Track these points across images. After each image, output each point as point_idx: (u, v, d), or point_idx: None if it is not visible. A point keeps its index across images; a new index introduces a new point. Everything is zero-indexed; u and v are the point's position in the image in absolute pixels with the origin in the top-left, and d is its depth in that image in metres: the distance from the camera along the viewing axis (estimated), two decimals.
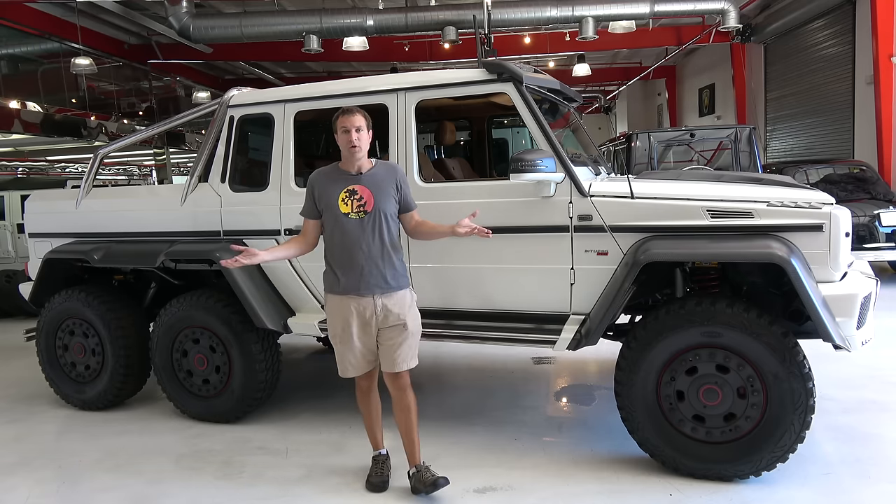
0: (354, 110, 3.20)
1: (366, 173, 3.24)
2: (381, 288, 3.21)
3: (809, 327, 3.32)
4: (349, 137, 3.16)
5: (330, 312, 3.32)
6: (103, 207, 4.82)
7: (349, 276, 3.21)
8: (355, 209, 3.19)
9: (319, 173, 3.33)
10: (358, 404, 3.48)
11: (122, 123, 14.39)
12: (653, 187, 3.51)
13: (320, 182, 3.28)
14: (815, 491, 3.23)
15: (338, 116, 3.21)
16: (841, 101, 12.73)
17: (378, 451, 3.53)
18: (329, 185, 3.25)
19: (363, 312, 3.22)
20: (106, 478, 3.74)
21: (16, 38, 12.43)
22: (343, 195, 3.21)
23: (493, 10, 11.50)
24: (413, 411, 3.31)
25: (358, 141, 3.16)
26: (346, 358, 3.30)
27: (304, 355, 6.23)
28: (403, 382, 3.30)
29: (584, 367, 5.47)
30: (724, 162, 9.15)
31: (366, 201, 3.20)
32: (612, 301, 3.35)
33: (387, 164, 3.35)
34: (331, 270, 3.30)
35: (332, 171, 3.30)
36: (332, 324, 3.31)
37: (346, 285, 3.22)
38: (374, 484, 3.43)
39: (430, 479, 3.27)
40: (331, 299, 3.31)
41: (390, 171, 3.30)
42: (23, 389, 5.46)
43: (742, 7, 13.08)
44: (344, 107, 3.26)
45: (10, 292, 8.15)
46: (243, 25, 12.17)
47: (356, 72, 19.44)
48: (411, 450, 3.36)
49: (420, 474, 3.31)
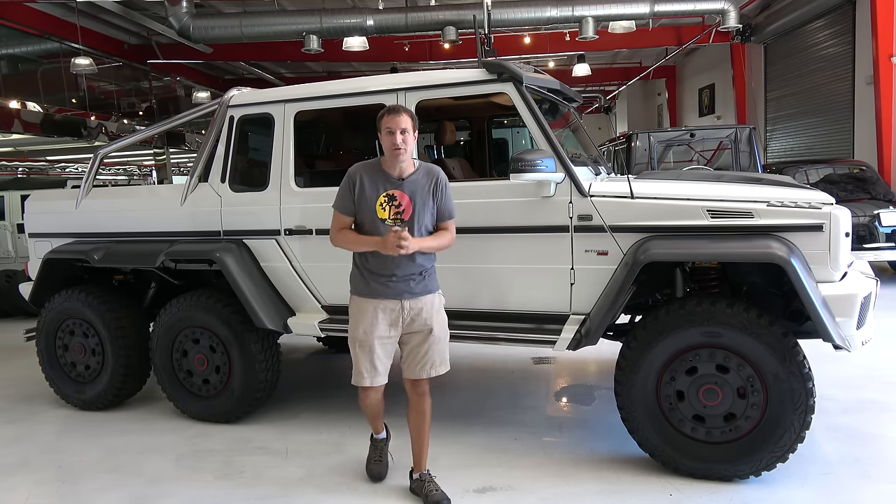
0: (401, 110, 3.05)
1: (407, 178, 3.10)
2: (409, 293, 3.14)
3: (809, 327, 3.32)
4: (394, 140, 3.00)
5: (354, 314, 3.21)
6: (103, 207, 4.82)
7: (380, 281, 3.12)
8: (393, 216, 3.08)
9: (361, 170, 3.15)
10: (361, 408, 3.42)
11: (122, 123, 14.39)
12: (653, 187, 3.51)
13: (361, 180, 3.11)
14: (815, 491, 3.23)
15: (383, 115, 3.06)
16: (841, 101, 12.73)
17: (380, 434, 3.56)
18: (370, 184, 3.10)
19: (389, 315, 3.14)
20: (106, 478, 3.74)
21: (16, 38, 12.43)
22: (382, 199, 3.08)
23: (493, 10, 11.50)
24: (427, 418, 3.28)
25: (403, 144, 3.01)
26: (363, 365, 3.18)
27: (304, 355, 6.23)
28: (423, 389, 3.24)
29: (584, 367, 5.47)
30: (724, 162, 9.15)
31: (404, 209, 3.08)
32: (612, 301, 3.35)
33: (429, 169, 3.18)
34: (360, 273, 3.19)
35: (375, 170, 3.13)
36: (354, 327, 3.19)
37: (375, 290, 3.13)
38: (373, 472, 3.49)
39: (434, 496, 3.20)
40: (357, 301, 3.20)
41: (431, 178, 3.14)
42: (23, 389, 5.46)
43: (742, 7, 13.08)
44: (390, 105, 3.12)
45: (10, 292, 8.16)
46: (243, 25, 12.17)
47: (356, 72, 19.44)
48: (419, 455, 3.33)
49: (424, 484, 3.27)
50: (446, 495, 3.22)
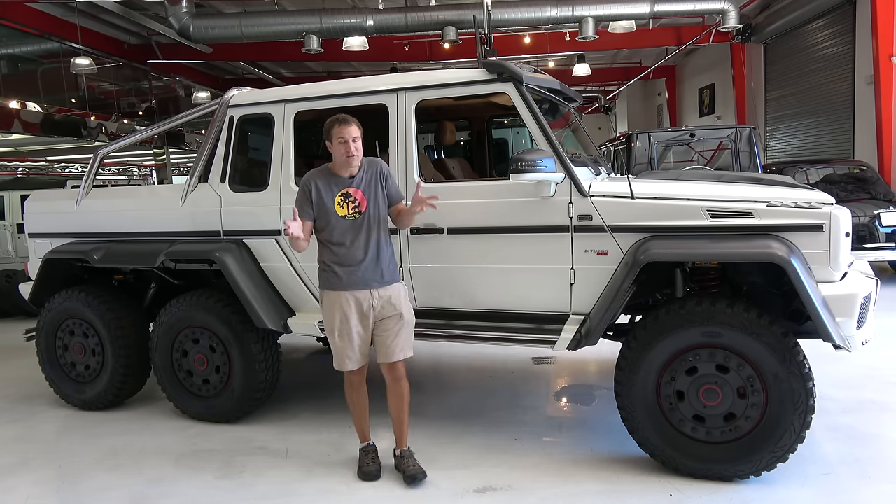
0: (350, 120, 3.34)
1: (357, 175, 3.42)
2: (377, 282, 3.41)
3: (809, 327, 3.32)
4: (348, 148, 3.32)
5: (327, 308, 3.45)
6: (103, 207, 4.82)
7: (348, 272, 3.38)
8: (351, 210, 3.38)
9: (314, 177, 3.44)
10: (347, 399, 3.61)
11: (122, 123, 14.39)
12: (653, 187, 3.51)
13: (316, 185, 3.41)
14: (815, 491, 3.23)
15: (332, 125, 3.34)
16: (841, 101, 12.73)
17: (366, 442, 3.64)
18: (325, 188, 3.40)
19: (361, 305, 3.39)
20: (106, 478, 3.74)
21: (16, 38, 12.43)
22: (338, 199, 3.39)
23: (493, 10, 11.50)
24: (406, 400, 3.51)
25: (356, 151, 3.35)
26: (345, 352, 3.42)
27: (304, 355, 6.23)
28: (399, 373, 3.47)
29: (584, 367, 5.47)
30: (724, 162, 9.14)
31: (359, 202, 3.39)
32: (612, 301, 3.35)
33: (370, 162, 3.49)
34: (328, 268, 3.43)
35: (326, 175, 3.44)
36: (330, 319, 3.43)
37: (347, 282, 3.38)
38: (368, 473, 3.52)
39: (411, 472, 3.45)
40: (328, 295, 3.44)
41: (373, 169, 3.46)
42: (23, 389, 5.46)
43: (742, 7, 13.08)
44: (337, 116, 3.37)
45: (10, 292, 8.16)
46: (243, 25, 12.17)
47: (356, 72, 19.44)
48: (400, 434, 3.56)
49: (404, 460, 3.52)
50: (423, 470, 3.48)
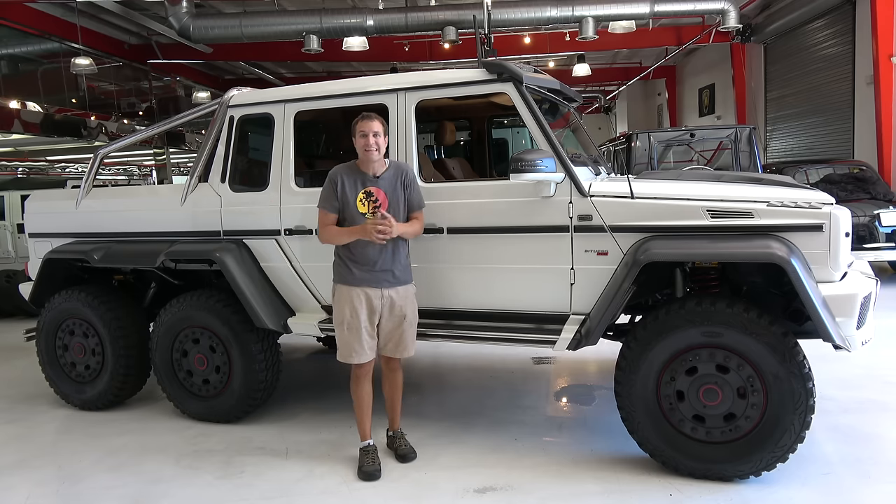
0: (373, 116, 3.46)
1: (381, 175, 3.52)
2: (389, 282, 3.53)
3: (809, 327, 3.32)
4: (367, 141, 3.42)
5: (339, 301, 3.55)
6: (103, 207, 4.82)
7: (363, 270, 3.50)
8: (371, 210, 3.47)
9: (341, 171, 3.55)
10: (352, 392, 3.66)
11: (122, 123, 14.38)
12: (653, 187, 3.51)
13: (342, 179, 3.52)
14: (815, 491, 3.23)
15: (357, 121, 3.46)
16: (841, 101, 12.73)
17: (366, 441, 3.67)
18: (349, 183, 3.51)
19: (372, 303, 3.51)
20: (106, 478, 3.74)
21: (16, 38, 12.42)
22: (361, 196, 3.49)
23: (493, 10, 11.50)
24: (400, 387, 3.78)
25: (375, 145, 3.43)
26: (352, 346, 3.53)
27: (304, 355, 6.23)
28: (396, 365, 3.74)
29: (584, 367, 5.47)
30: (724, 162, 9.15)
31: (380, 203, 3.48)
32: (612, 301, 3.35)
33: (397, 166, 3.60)
34: (343, 263, 3.54)
35: (352, 171, 3.55)
36: (340, 311, 3.53)
37: (360, 278, 3.50)
38: (368, 473, 3.53)
39: (402, 450, 3.73)
40: (341, 289, 3.55)
41: (399, 173, 3.57)
42: (23, 389, 5.46)
43: (742, 7, 13.07)
44: (364, 112, 3.49)
45: (10, 292, 8.15)
46: (243, 25, 12.16)
47: (356, 72, 19.44)
48: (393, 416, 3.83)
49: (396, 439, 3.79)
50: (413, 449, 3.74)
